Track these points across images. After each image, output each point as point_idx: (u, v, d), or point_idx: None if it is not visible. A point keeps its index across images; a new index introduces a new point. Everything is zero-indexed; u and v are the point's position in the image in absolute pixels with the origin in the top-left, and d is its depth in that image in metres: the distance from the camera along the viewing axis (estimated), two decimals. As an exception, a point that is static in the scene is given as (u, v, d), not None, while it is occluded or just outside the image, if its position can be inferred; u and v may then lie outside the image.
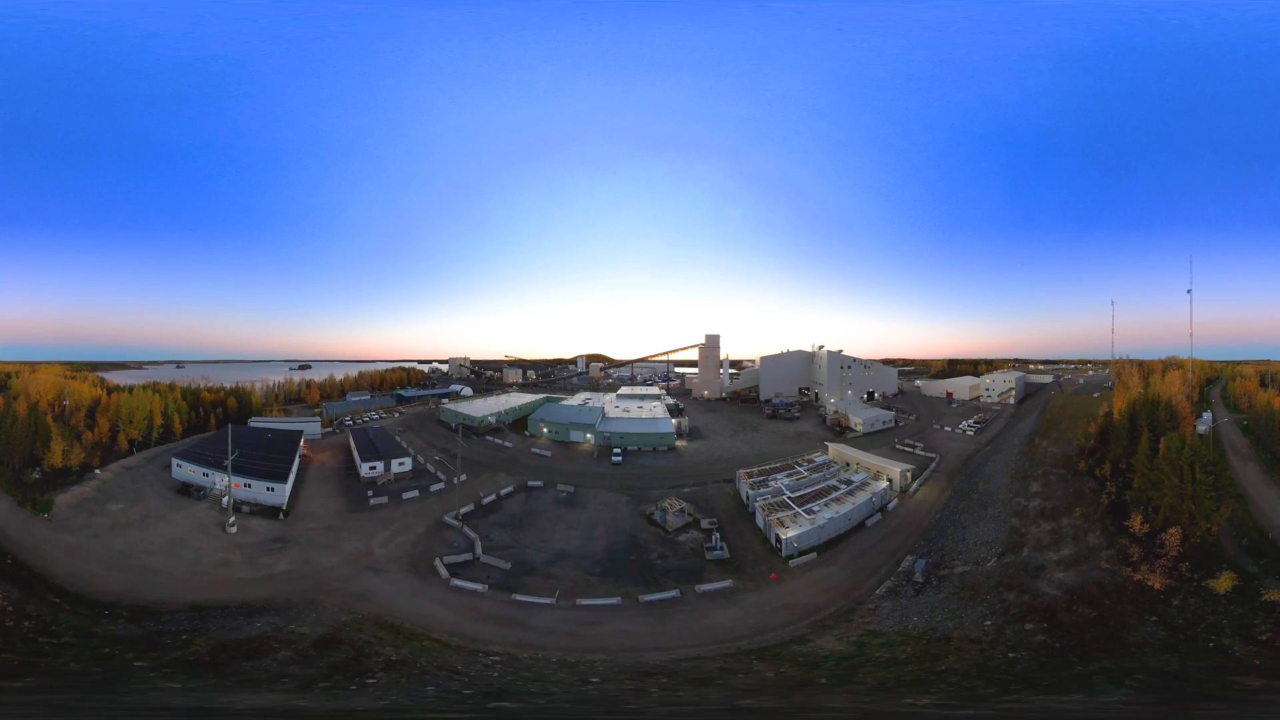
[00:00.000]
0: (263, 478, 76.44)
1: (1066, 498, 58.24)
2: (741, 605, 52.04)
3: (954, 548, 54.92)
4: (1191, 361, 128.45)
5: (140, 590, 49.23)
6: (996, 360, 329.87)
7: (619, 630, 47.48)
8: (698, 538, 66.04)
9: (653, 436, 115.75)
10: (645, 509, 74.93)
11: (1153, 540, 45.50)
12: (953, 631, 39.38)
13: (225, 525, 65.12)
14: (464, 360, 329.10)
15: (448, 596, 53.14)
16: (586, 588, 55.15)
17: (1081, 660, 34.10)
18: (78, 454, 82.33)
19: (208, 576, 54.20)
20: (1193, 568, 42.41)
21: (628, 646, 43.92)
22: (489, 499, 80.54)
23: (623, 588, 54.96)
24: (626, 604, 52.40)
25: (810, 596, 52.54)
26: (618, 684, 34.44)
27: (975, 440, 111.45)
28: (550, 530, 69.66)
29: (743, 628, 47.40)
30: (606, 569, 59.40)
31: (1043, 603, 39.96)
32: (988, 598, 42.70)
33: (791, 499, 68.20)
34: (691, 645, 44.15)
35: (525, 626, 47.50)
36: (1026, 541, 50.48)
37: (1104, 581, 41.68)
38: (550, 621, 48.79)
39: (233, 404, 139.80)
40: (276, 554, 60.37)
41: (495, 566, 59.74)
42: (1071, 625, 37.43)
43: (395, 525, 70.25)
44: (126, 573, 52.96)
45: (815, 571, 58.01)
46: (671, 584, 55.87)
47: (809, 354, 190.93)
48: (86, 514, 65.67)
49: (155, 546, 59.36)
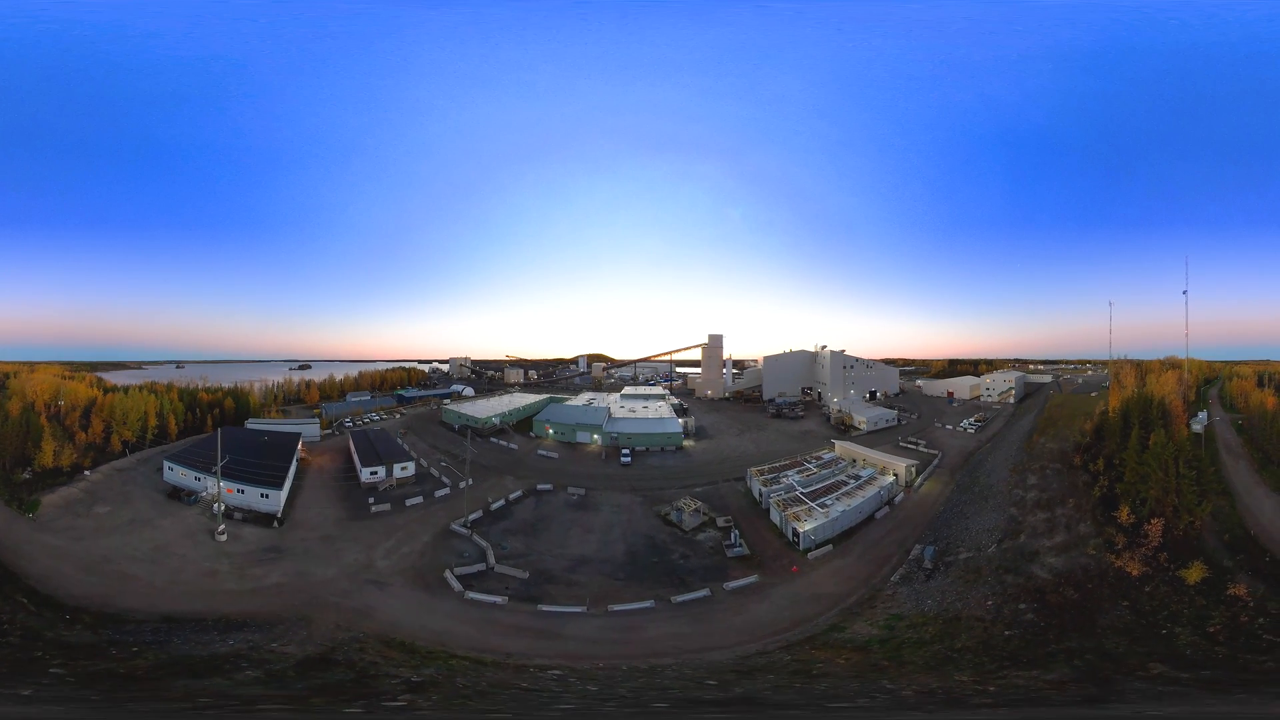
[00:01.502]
0: (257, 483, 74.85)
1: (1061, 490, 62.42)
2: (772, 599, 53.64)
3: (958, 536, 59.36)
4: (1188, 361, 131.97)
5: (113, 597, 47.76)
6: (996, 360, 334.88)
7: (664, 634, 47.18)
8: (715, 536, 67.93)
9: (660, 436, 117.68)
10: (660, 509, 76.11)
11: (1137, 530, 48.63)
12: (961, 612, 43.30)
13: (215, 533, 63.43)
14: (464, 360, 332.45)
15: (463, 610, 51.03)
16: (614, 593, 54.47)
17: (1056, 639, 37.47)
18: (69, 455, 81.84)
19: (189, 587, 52.13)
20: (1170, 558, 45.04)
21: (682, 649, 43.86)
22: (498, 504, 79.07)
23: (651, 590, 55.00)
24: (660, 606, 52.31)
25: (833, 586, 55.19)
26: (720, 681, 35.15)
27: (976, 438, 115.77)
28: (565, 535, 69.09)
29: (781, 620, 49.15)
30: (630, 572, 59.32)
31: (1034, 585, 44.33)
32: (989, 580, 47.09)
33: (804, 494, 72.11)
34: (743, 641, 44.99)
35: (561, 638, 46.38)
36: (1023, 529, 55.03)
37: (1089, 567, 45.60)
38: (587, 630, 47.91)
39: (230, 405, 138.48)
40: (268, 565, 58.09)
41: (512, 576, 58.20)
42: (1056, 606, 41.45)
43: (399, 534, 68.09)
44: (104, 578, 51.88)
45: (833, 563, 60.63)
46: (699, 583, 56.53)
47: (812, 354, 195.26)
48: (72, 516, 65.13)
49: (138, 552, 58.00)
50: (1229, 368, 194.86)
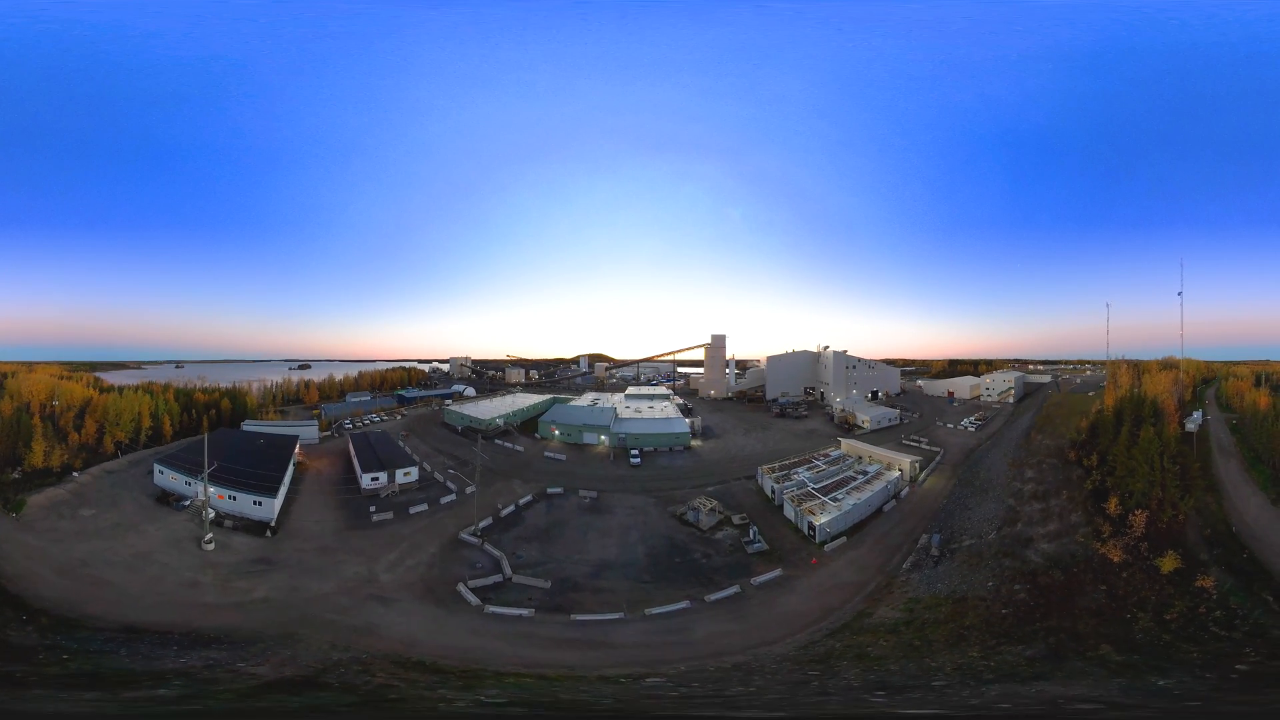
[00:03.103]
0: (250, 490, 72.59)
1: (1056, 483, 67.63)
2: (799, 591, 55.86)
3: (961, 525, 64.56)
4: (1183, 362, 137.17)
5: (80, 602, 46.88)
6: (996, 361, 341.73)
7: (711, 633, 47.91)
8: (733, 534, 69.96)
9: (669, 437, 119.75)
10: (675, 510, 77.19)
11: (1123, 521, 52.11)
12: (967, 593, 47.95)
13: (201, 541, 61.74)
14: (465, 360, 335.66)
15: (486, 625, 48.94)
16: (645, 597, 54.43)
17: (1041, 617, 40.71)
18: (59, 455, 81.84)
19: (165, 597, 50.22)
20: (1150, 548, 47.63)
21: (737, 646, 44.59)
22: (507, 510, 77.63)
23: (681, 591, 55.54)
24: (696, 606, 53.00)
25: (852, 575, 58.40)
26: (820, 670, 36.63)
27: (976, 436, 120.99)
28: (582, 540, 68.54)
29: (813, 610, 51.46)
30: (656, 574, 59.66)
31: (1028, 568, 49.36)
32: (990, 564, 52.10)
33: (816, 490, 76.88)
34: (789, 634, 46.61)
35: (611, 646, 45.66)
36: (1020, 518, 60.25)
37: (1076, 553, 49.98)
38: (633, 636, 47.53)
39: (226, 406, 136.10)
40: (256, 577, 55.89)
41: (533, 587, 56.54)
42: (1045, 587, 45.96)
43: (403, 545, 66.10)
44: (77, 582, 51.11)
45: (848, 553, 64.09)
46: (726, 581, 57.78)
47: (814, 354, 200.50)
48: (56, 517, 64.96)
49: (118, 558, 57.01)
50: (1227, 368, 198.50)
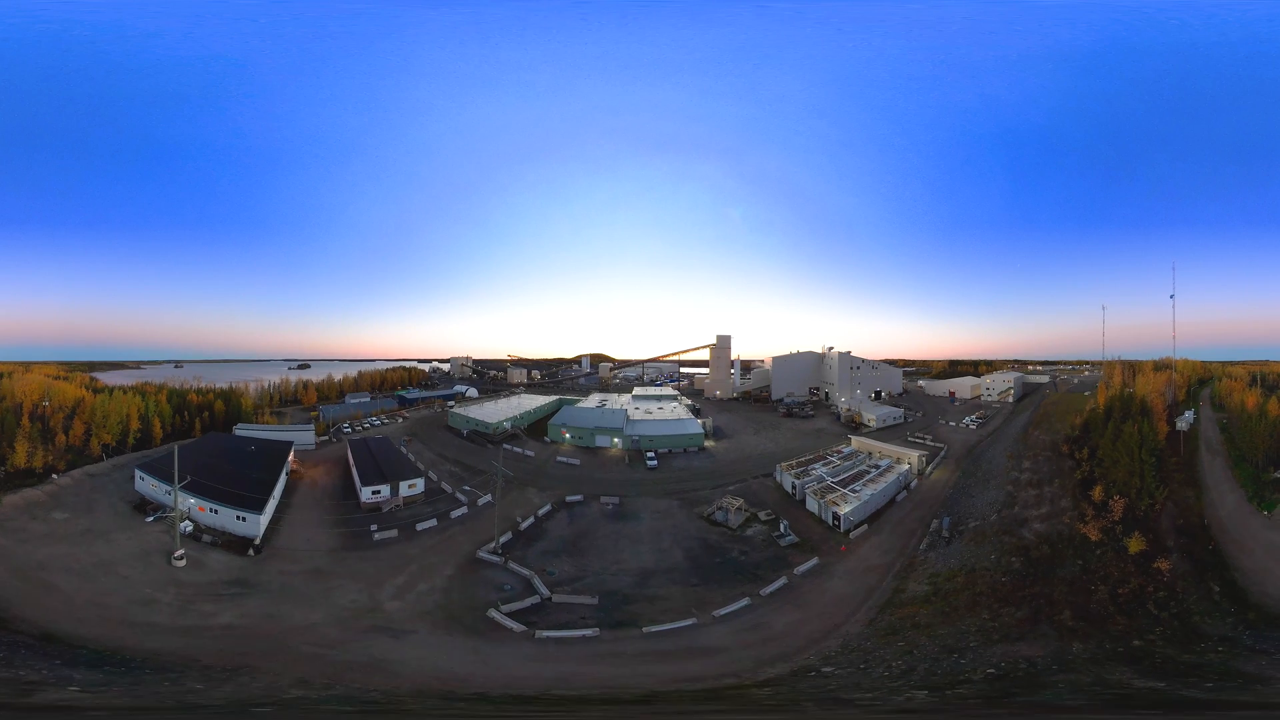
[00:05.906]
0: (233, 503, 68.16)
1: (1050, 472, 77.11)
2: (838, 575, 61.00)
3: (967, 510, 74.17)
4: (1179, 363, 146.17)
5: (17, 605, 45.76)
6: (996, 361, 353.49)
7: (787, 623, 50.61)
8: (762, 530, 74.05)
9: (683, 438, 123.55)
10: (702, 510, 79.83)
11: (1105, 506, 59.32)
12: (976, 565, 57.15)
13: (172, 557, 58.43)
14: (465, 359, 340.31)
15: (546, 651, 45.62)
16: (701, 599, 54.87)
17: (1029, 585, 48.38)
18: (42, 456, 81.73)
19: (108, 611, 47.17)
20: (1123, 531, 54.01)
21: (819, 632, 47.94)
22: (527, 523, 74.62)
23: (734, 589, 57.45)
24: (755, 602, 55.24)
25: (879, 558, 65.23)
26: (923, 643, 41.23)
27: (978, 433, 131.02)
28: (615, 549, 67.56)
29: (858, 591, 56.58)
30: (702, 576, 60.87)
31: (1023, 543, 58.83)
32: (992, 541, 61.41)
33: (835, 483, 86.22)
34: (851, 614, 51.09)
35: (712, 651, 45.71)
36: (1017, 502, 69.85)
37: (1062, 532, 57.95)
38: (721, 638, 48.36)
39: (220, 407, 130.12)
40: (225, 601, 51.54)
41: (578, 605, 54.07)
42: (1036, 559, 54.91)
43: (412, 568, 61.36)
44: (25, 585, 50.03)
45: (872, 539, 70.86)
46: (771, 574, 60.91)
47: (819, 355, 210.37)
48: (28, 518, 64.69)
49: (78, 565, 55.11)
50: (1223, 368, 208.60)
